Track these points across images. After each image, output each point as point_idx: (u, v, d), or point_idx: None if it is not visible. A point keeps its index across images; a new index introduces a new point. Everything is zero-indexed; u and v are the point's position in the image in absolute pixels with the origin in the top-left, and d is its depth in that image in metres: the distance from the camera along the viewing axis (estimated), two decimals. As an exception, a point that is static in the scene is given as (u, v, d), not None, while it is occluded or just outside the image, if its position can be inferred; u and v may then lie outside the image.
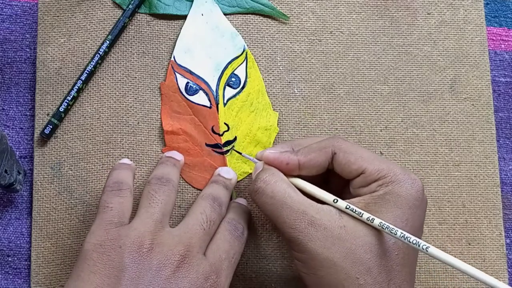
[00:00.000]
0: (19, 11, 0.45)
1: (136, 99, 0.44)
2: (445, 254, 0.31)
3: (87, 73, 0.43)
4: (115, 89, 0.44)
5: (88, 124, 0.43)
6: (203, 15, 0.45)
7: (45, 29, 0.44)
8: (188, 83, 0.44)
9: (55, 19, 0.44)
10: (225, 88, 0.44)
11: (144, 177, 0.43)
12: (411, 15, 0.46)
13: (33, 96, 0.44)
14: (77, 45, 0.44)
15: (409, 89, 0.45)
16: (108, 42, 0.43)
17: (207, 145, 0.43)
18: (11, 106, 0.44)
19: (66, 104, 0.43)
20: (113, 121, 0.43)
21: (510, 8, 0.48)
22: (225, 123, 0.43)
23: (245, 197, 0.43)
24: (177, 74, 0.44)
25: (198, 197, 0.39)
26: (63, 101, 0.43)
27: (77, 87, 0.43)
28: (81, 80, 0.43)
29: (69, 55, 0.44)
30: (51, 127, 0.42)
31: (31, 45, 0.45)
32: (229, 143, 0.43)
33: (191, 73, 0.44)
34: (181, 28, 0.44)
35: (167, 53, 0.44)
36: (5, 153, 0.40)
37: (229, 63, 0.44)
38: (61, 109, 0.42)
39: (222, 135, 0.43)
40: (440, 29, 0.46)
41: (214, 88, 0.44)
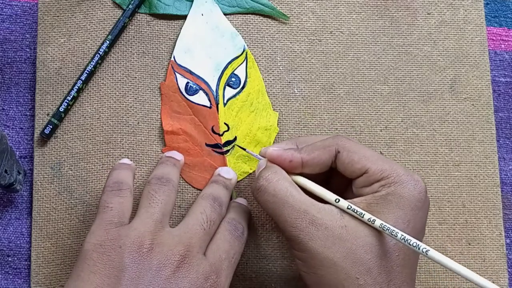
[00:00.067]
0: (19, 11, 0.45)
1: (136, 99, 0.44)
2: (445, 257, 0.31)
3: (87, 73, 0.43)
4: (115, 89, 0.44)
5: (88, 124, 0.43)
6: (203, 15, 0.45)
7: (45, 29, 0.44)
8: (188, 83, 0.44)
9: (55, 19, 0.44)
10: (225, 88, 0.44)
11: (144, 177, 0.43)
12: (411, 15, 0.46)
13: (33, 96, 0.44)
14: (77, 45, 0.44)
15: (409, 89, 0.45)
16: (108, 42, 0.43)
17: (207, 145, 0.43)
18: (11, 106, 0.44)
19: (66, 104, 0.43)
20: (113, 121, 0.43)
21: (510, 8, 0.48)
22: (225, 123, 0.43)
23: (245, 197, 0.43)
24: (177, 74, 0.44)
25: (198, 197, 0.39)
26: (63, 101, 0.43)
27: (77, 87, 0.43)
28: (81, 80, 0.43)
29: (69, 55, 0.44)
30: (51, 127, 0.42)
31: (31, 45, 0.45)
32: (229, 143, 0.43)
33: (191, 73, 0.44)
34: (181, 28, 0.44)
35: (167, 53, 0.44)
36: (5, 153, 0.40)
37: (229, 63, 0.44)
38: (61, 109, 0.42)
39: (222, 135, 0.43)
40: (440, 29, 0.46)
41: (214, 88, 0.44)
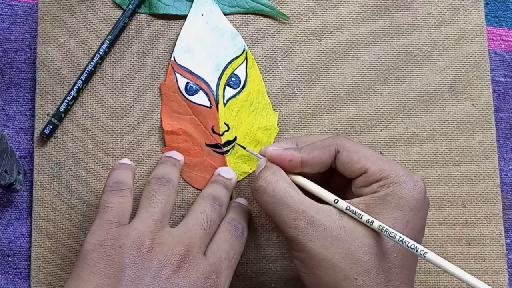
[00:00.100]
0: (19, 11, 0.45)
1: (136, 99, 0.44)
2: (443, 260, 0.31)
3: (87, 73, 0.43)
4: (115, 89, 0.44)
5: (88, 124, 0.43)
6: (203, 15, 0.45)
7: (45, 29, 0.44)
8: (188, 83, 0.44)
9: (55, 19, 0.44)
10: (225, 88, 0.44)
11: (144, 177, 0.43)
12: (411, 15, 0.46)
13: (33, 96, 0.44)
14: (77, 45, 0.44)
15: (409, 89, 0.45)
16: (108, 42, 0.43)
17: (207, 145, 0.43)
18: (11, 106, 0.44)
19: (66, 104, 0.43)
20: (113, 121, 0.43)
21: (510, 8, 0.48)
22: (225, 123, 0.43)
23: (245, 197, 0.43)
24: (177, 74, 0.44)
25: (198, 197, 0.39)
26: (63, 101, 0.43)
27: (77, 87, 0.43)
28: (81, 80, 0.43)
29: (69, 55, 0.44)
30: (51, 127, 0.42)
31: (31, 45, 0.45)
32: (229, 143, 0.43)
33: (191, 73, 0.44)
34: (181, 28, 0.44)
35: (167, 53, 0.44)
36: (5, 153, 0.40)
37: (229, 63, 0.44)
38: (61, 109, 0.42)
39: (222, 135, 0.43)
40: (440, 29, 0.46)
41: (214, 88, 0.44)
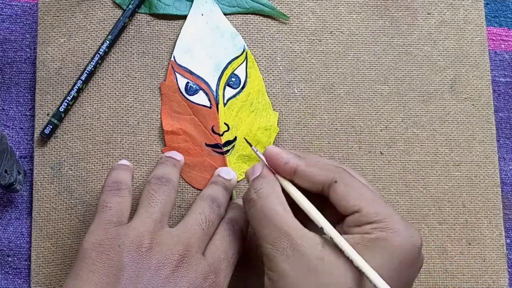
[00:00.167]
0: (19, 11, 0.45)
1: (136, 99, 0.44)
2: None
3: (87, 73, 0.43)
4: (115, 89, 0.44)
5: (88, 124, 0.43)
6: (203, 15, 0.45)
7: (45, 29, 0.44)
8: (188, 83, 0.44)
9: (55, 19, 0.44)
10: (225, 88, 0.44)
11: (144, 177, 0.43)
12: (411, 15, 0.46)
13: (33, 96, 0.44)
14: (77, 45, 0.44)
15: (409, 89, 0.45)
16: (108, 42, 0.43)
17: (207, 145, 0.43)
18: (11, 106, 0.44)
19: (66, 104, 0.43)
20: (113, 121, 0.43)
21: (510, 8, 0.48)
22: (225, 123, 0.43)
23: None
24: (177, 74, 0.44)
25: (197, 198, 0.39)
26: (63, 101, 0.43)
27: (77, 87, 0.43)
28: (81, 80, 0.43)
29: (69, 55, 0.44)
30: (51, 127, 0.42)
31: (31, 45, 0.45)
32: (229, 143, 0.43)
33: (191, 73, 0.44)
34: (181, 28, 0.44)
35: (167, 53, 0.44)
36: (5, 153, 0.40)
37: (229, 63, 0.44)
38: (61, 109, 0.42)
39: (222, 135, 0.43)
40: (440, 29, 0.46)
41: (214, 88, 0.44)
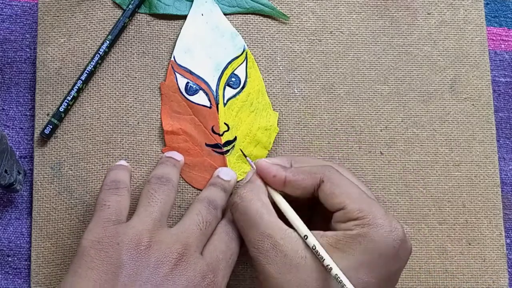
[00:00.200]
0: (19, 11, 0.45)
1: (136, 99, 0.44)
2: None
3: (87, 73, 0.43)
4: (115, 89, 0.44)
5: (88, 124, 0.43)
6: (203, 15, 0.45)
7: (45, 29, 0.44)
8: (188, 83, 0.44)
9: (55, 19, 0.44)
10: (225, 88, 0.44)
11: (144, 177, 0.43)
12: (411, 15, 0.46)
13: (33, 96, 0.44)
14: (77, 45, 0.44)
15: (409, 89, 0.45)
16: (108, 42, 0.43)
17: (207, 145, 0.43)
18: (11, 106, 0.44)
19: (66, 104, 0.43)
20: (113, 121, 0.43)
21: (510, 8, 0.48)
22: (225, 123, 0.43)
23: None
24: (177, 74, 0.44)
25: (194, 200, 0.39)
26: (63, 101, 0.43)
27: (77, 87, 0.43)
28: (81, 80, 0.43)
29: (69, 55, 0.44)
30: (51, 127, 0.42)
31: (31, 45, 0.45)
32: (229, 143, 0.43)
33: (191, 73, 0.44)
34: (181, 28, 0.44)
35: (167, 53, 0.44)
36: (5, 153, 0.40)
37: (229, 63, 0.44)
38: (61, 109, 0.42)
39: (222, 135, 0.43)
40: (440, 29, 0.46)
41: (214, 88, 0.44)
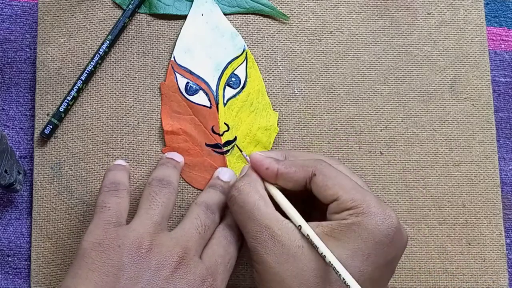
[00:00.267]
0: (19, 11, 0.45)
1: (136, 99, 0.44)
2: None
3: (87, 73, 0.43)
4: (115, 89, 0.44)
5: (88, 124, 0.43)
6: (203, 15, 0.45)
7: (45, 29, 0.44)
8: (188, 83, 0.44)
9: (55, 19, 0.44)
10: (225, 88, 0.44)
11: (144, 177, 0.43)
12: (411, 15, 0.46)
13: (33, 96, 0.44)
14: (77, 45, 0.44)
15: (409, 89, 0.45)
16: (108, 42, 0.43)
17: (207, 145, 0.43)
18: (11, 106, 0.44)
19: (66, 104, 0.43)
20: (113, 121, 0.43)
21: (510, 8, 0.48)
22: (225, 123, 0.43)
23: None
24: (177, 74, 0.44)
25: (192, 203, 0.39)
26: (63, 101, 0.43)
27: (77, 87, 0.43)
28: (81, 80, 0.43)
29: (69, 55, 0.44)
30: (51, 127, 0.42)
31: (31, 45, 0.45)
32: (229, 143, 0.43)
33: (191, 73, 0.44)
34: (181, 28, 0.44)
35: (167, 53, 0.44)
36: (5, 153, 0.40)
37: (229, 63, 0.44)
38: (61, 109, 0.42)
39: (222, 135, 0.43)
40: (440, 29, 0.46)
41: (214, 88, 0.44)
